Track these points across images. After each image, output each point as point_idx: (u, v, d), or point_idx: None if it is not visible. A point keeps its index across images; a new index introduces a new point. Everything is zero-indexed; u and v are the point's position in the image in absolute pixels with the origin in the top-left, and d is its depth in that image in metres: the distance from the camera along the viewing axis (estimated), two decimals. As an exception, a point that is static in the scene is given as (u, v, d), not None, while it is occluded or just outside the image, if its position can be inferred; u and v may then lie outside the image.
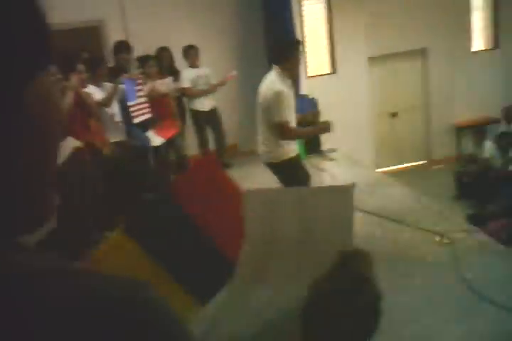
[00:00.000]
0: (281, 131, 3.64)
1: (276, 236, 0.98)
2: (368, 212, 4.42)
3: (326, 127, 3.92)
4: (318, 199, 0.95)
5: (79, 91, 4.19)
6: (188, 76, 6.21)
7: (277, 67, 3.64)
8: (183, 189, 1.34)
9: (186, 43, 6.44)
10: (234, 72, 6.33)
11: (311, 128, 4.06)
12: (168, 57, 6.40)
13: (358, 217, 4.38)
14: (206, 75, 6.28)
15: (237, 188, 1.37)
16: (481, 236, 3.77)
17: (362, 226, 4.22)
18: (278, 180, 3.93)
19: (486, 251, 3.53)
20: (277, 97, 3.55)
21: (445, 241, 3.65)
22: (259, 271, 0.96)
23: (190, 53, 6.24)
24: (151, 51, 6.37)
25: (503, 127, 8.43)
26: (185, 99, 6.56)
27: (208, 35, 7.07)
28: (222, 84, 6.35)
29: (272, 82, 3.62)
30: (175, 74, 6.26)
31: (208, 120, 6.44)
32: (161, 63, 6.21)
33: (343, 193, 0.93)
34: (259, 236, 0.99)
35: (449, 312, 2.96)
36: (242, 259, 0.97)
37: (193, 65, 6.26)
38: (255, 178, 5.01)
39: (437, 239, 3.71)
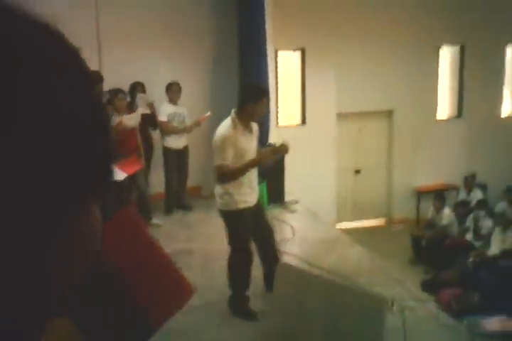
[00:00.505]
0: (217, 173, 3.56)
1: (304, 315, 0.92)
2: (323, 269, 4.35)
3: (278, 149, 3.78)
4: (350, 299, 0.91)
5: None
6: (165, 111, 6.21)
7: (234, 111, 3.61)
8: (106, 242, 1.26)
9: (161, 80, 6.45)
10: (208, 113, 6.33)
11: (249, 161, 3.57)
12: (142, 92, 6.37)
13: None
14: (183, 114, 6.27)
15: (154, 243, 1.31)
16: (432, 307, 3.74)
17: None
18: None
19: (436, 322, 3.48)
20: (219, 141, 3.48)
21: (395, 308, 3.58)
22: None
23: (173, 89, 6.25)
24: (123, 85, 6.32)
25: (462, 195, 8.64)
26: (154, 135, 6.52)
27: (184, 75, 7.10)
28: (197, 124, 6.33)
29: (222, 125, 3.58)
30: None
31: (178, 159, 6.37)
32: (134, 99, 6.17)
33: (376, 305, 0.88)
34: (289, 309, 0.94)
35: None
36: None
37: (173, 101, 6.26)
38: (216, 222, 4.90)
39: (388, 306, 3.64)
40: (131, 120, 5.76)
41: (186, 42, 7.19)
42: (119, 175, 5.41)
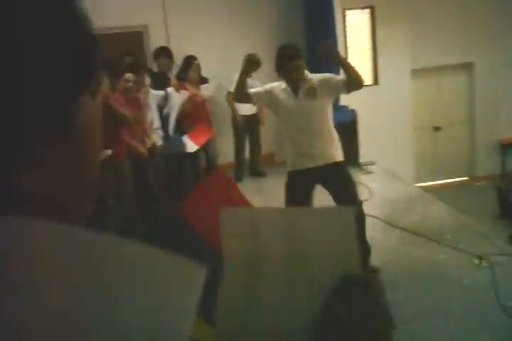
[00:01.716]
0: None
1: (262, 257, 0.90)
2: (405, 230, 4.31)
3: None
4: (313, 222, 0.87)
5: (107, 101, 4.17)
6: (235, 79, 6.21)
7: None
8: (195, 210, 1.31)
9: (226, 50, 6.47)
10: None
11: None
12: (197, 66, 6.43)
13: (394, 234, 4.28)
14: (252, 83, 6.23)
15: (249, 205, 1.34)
16: (523, 262, 3.60)
17: (397, 244, 4.11)
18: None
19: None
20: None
21: (484, 264, 3.50)
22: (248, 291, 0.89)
23: (248, 61, 6.21)
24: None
25: None
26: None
27: (248, 44, 7.08)
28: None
29: None
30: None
31: (248, 125, 6.42)
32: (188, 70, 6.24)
33: (343, 216, 0.85)
34: (241, 257, 0.92)
35: (486, 339, 2.83)
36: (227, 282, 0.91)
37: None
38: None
39: (476, 261, 3.56)
40: (206, 91, 5.85)
41: (250, 10, 7.14)
42: (191, 146, 5.57)
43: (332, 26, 6.58)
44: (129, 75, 4.46)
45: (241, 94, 3.62)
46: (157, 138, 5.04)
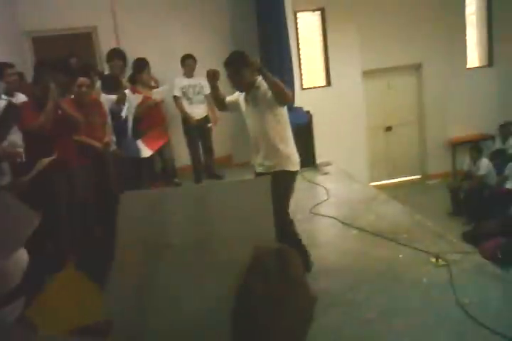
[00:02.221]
0: None
1: (163, 243, 0.83)
2: (363, 230, 4.33)
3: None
4: (226, 196, 0.82)
5: (59, 104, 4.03)
6: (179, 84, 6.15)
7: None
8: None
9: (178, 51, 6.38)
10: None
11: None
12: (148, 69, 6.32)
13: (352, 235, 4.30)
14: (200, 85, 6.16)
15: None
16: (477, 258, 3.68)
17: (356, 244, 4.13)
18: None
19: (483, 273, 3.43)
20: None
21: (441, 262, 3.55)
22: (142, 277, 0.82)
23: (186, 63, 6.17)
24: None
25: (498, 144, 8.42)
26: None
27: (200, 45, 6.99)
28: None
29: None
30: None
31: (199, 129, 6.32)
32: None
33: (259, 185, 0.81)
34: (137, 240, 0.84)
35: (445, 336, 2.86)
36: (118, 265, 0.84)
37: (187, 74, 6.19)
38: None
39: (433, 260, 3.61)
40: (158, 93, 5.74)
41: (201, 15, 7.05)
42: (145, 152, 5.44)
43: (284, 28, 6.58)
44: (83, 80, 4.30)
45: (220, 106, 3.79)
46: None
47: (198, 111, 6.25)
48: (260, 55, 6.77)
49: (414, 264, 3.64)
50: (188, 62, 6.16)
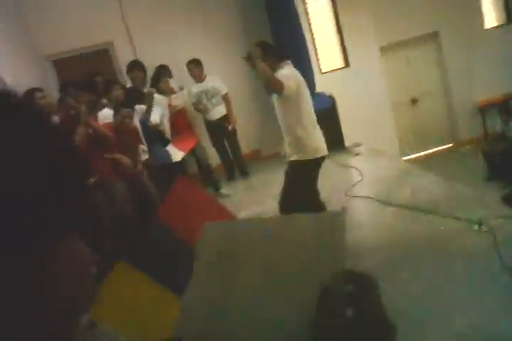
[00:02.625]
0: None
1: (237, 270, 0.88)
2: (400, 206, 4.36)
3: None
4: (295, 231, 0.86)
5: (89, 123, 4.20)
6: (191, 92, 6.21)
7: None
8: (169, 212, 1.41)
9: (195, 56, 6.48)
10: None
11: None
12: (168, 74, 6.42)
13: (390, 212, 4.33)
14: (213, 88, 6.19)
15: (219, 207, 1.43)
16: (521, 221, 3.66)
17: (395, 221, 4.16)
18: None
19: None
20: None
21: (484, 229, 3.56)
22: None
23: (191, 68, 6.19)
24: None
25: None
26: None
27: (215, 45, 7.09)
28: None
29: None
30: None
31: (220, 129, 6.41)
32: (159, 80, 6.24)
33: (332, 219, 0.84)
34: (214, 270, 0.90)
35: (495, 303, 2.89)
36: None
37: (197, 79, 6.22)
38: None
39: (475, 227, 3.62)
40: (177, 99, 5.87)
41: (214, 14, 7.15)
42: (178, 155, 5.59)
43: (294, 16, 6.60)
44: (127, 111, 4.50)
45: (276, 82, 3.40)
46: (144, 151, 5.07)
47: (215, 112, 6.32)
48: (274, 42, 6.83)
49: (457, 234, 3.65)
50: (189, 67, 6.19)
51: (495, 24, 8.93)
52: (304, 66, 6.14)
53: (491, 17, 8.90)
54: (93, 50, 6.85)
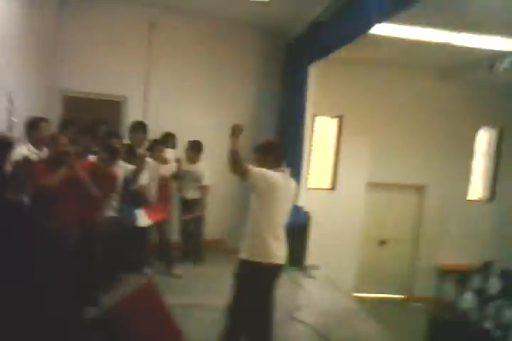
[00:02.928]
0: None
1: None
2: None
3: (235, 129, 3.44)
4: None
5: (76, 169, 4.17)
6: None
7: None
8: (126, 310, 1.42)
9: (202, 128, 6.69)
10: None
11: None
12: (172, 142, 6.56)
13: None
14: (196, 173, 6.28)
15: (170, 321, 1.46)
16: None
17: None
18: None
19: None
20: None
21: None
22: None
23: (191, 149, 6.35)
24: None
25: (478, 282, 8.38)
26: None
27: (222, 129, 7.27)
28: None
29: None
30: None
31: (192, 208, 6.41)
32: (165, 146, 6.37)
33: None
34: None
35: None
36: None
37: (190, 159, 6.36)
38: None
39: None
40: (167, 170, 5.92)
41: (228, 99, 7.44)
42: (144, 221, 5.52)
43: (301, 129, 6.89)
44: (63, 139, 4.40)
45: (237, 167, 3.32)
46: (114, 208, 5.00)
47: (191, 193, 6.39)
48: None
49: None
50: (193, 148, 6.33)
51: (479, 196, 9.41)
52: (294, 177, 6.30)
53: (477, 189, 9.40)
54: (107, 98, 7.01)
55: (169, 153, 6.26)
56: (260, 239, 3.43)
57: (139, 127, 6.00)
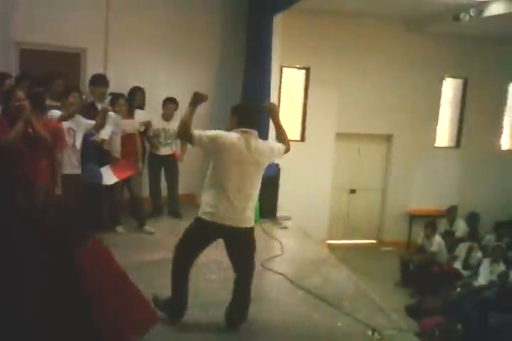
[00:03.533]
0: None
1: None
2: (309, 292, 4.35)
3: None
4: None
5: (30, 121, 4.02)
6: (154, 125, 6.24)
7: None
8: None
9: (161, 85, 6.51)
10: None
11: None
12: (141, 96, 6.39)
13: (297, 295, 4.31)
14: (171, 129, 6.14)
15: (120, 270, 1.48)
16: (412, 338, 3.73)
17: (299, 305, 4.13)
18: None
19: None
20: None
21: (376, 336, 3.58)
22: None
23: (166, 106, 6.26)
24: (125, 87, 6.34)
25: (445, 225, 8.67)
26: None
27: (183, 93, 7.09)
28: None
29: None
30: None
31: (164, 165, 6.38)
32: (133, 102, 6.21)
33: None
34: None
35: None
36: None
37: (166, 117, 6.27)
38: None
39: (369, 333, 3.64)
40: (128, 125, 5.77)
41: (192, 52, 7.21)
42: (110, 179, 5.44)
43: (268, 80, 6.76)
44: (20, 94, 4.24)
45: (186, 130, 3.37)
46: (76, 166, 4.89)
47: (165, 149, 6.32)
48: (241, 100, 6.96)
49: (351, 334, 3.66)
50: (168, 106, 6.25)
51: (445, 144, 9.55)
52: (262, 129, 6.23)
53: (443, 137, 9.53)
54: (65, 50, 6.70)
55: (140, 115, 6.07)
56: (204, 196, 3.45)
57: (100, 80, 5.79)
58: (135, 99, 6.28)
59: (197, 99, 3.42)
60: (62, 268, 1.51)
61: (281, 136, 3.74)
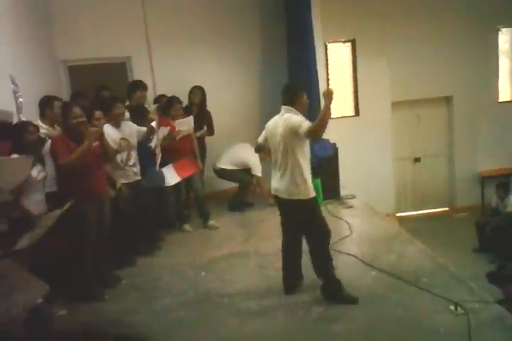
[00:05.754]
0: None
1: None
2: (383, 271, 4.30)
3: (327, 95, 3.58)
4: None
5: (104, 137, 4.20)
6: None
7: (289, 107, 3.87)
8: None
9: (209, 84, 6.53)
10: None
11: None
12: (201, 95, 6.45)
13: (371, 276, 4.27)
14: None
15: None
16: (497, 309, 3.60)
17: (374, 286, 4.09)
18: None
19: (502, 326, 3.36)
20: (300, 119, 3.74)
21: (460, 311, 3.50)
22: None
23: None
24: (174, 89, 6.41)
25: None
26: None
27: (232, 83, 7.17)
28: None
29: (293, 116, 3.80)
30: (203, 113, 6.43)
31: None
32: (193, 100, 6.35)
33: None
34: None
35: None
36: None
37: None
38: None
39: (452, 307, 3.56)
40: (183, 125, 5.83)
41: (235, 45, 7.21)
42: (173, 179, 5.56)
43: (313, 59, 6.64)
44: (98, 113, 4.42)
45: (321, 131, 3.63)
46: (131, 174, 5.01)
47: None
48: (288, 79, 6.88)
49: (433, 311, 3.58)
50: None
51: (509, 98, 9.04)
52: (313, 109, 6.14)
53: (505, 91, 9.01)
54: (110, 62, 6.89)
55: (183, 125, 6.02)
56: (303, 177, 3.80)
57: (136, 86, 5.84)
58: (195, 97, 6.39)
59: (330, 97, 3.57)
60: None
61: (318, 119, 3.56)
